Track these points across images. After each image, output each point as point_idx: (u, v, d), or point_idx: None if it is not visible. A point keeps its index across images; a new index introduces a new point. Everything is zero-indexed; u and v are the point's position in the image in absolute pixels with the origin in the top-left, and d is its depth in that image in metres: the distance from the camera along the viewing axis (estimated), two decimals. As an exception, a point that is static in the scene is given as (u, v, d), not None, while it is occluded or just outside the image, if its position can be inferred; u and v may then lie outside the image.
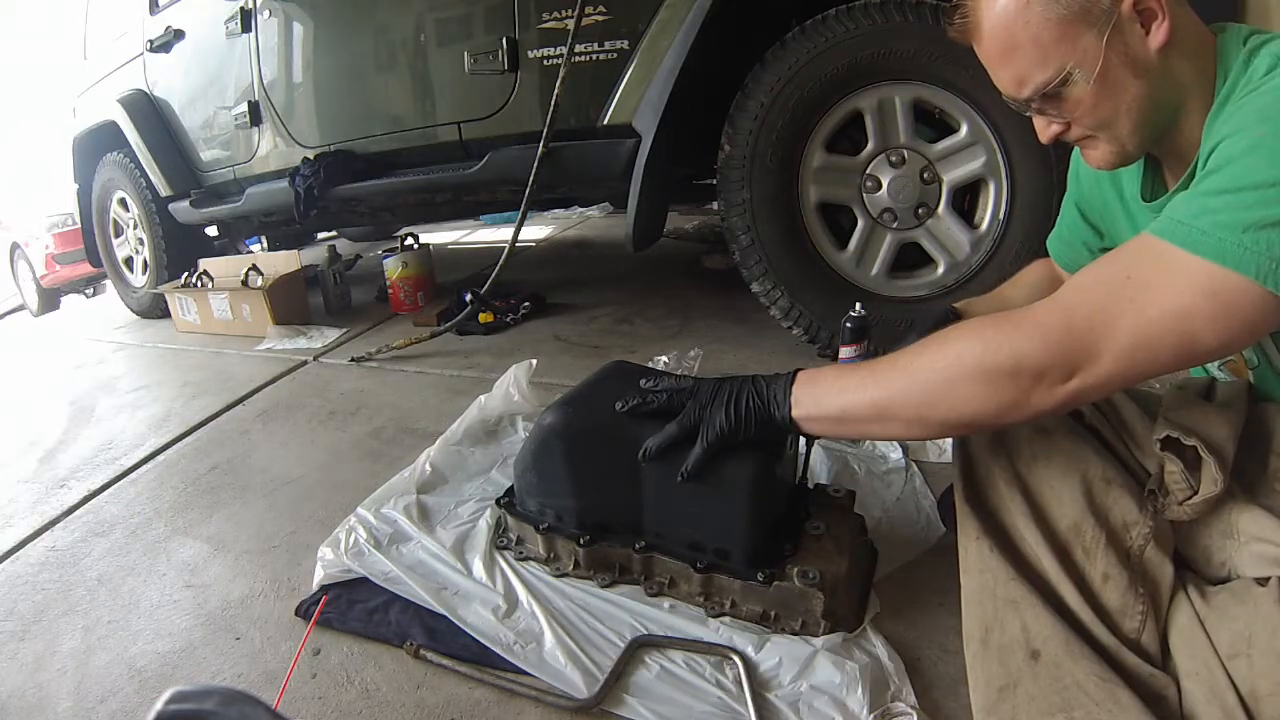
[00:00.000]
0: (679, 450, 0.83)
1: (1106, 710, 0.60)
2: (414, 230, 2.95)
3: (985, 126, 1.51)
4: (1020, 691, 0.65)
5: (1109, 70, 0.64)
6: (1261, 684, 0.57)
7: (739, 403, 0.77)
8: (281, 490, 1.40)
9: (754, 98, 1.59)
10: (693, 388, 0.83)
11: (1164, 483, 0.67)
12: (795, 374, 0.76)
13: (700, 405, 0.81)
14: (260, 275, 2.55)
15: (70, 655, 1.01)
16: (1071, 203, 0.95)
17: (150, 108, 2.90)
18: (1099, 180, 0.87)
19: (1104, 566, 0.67)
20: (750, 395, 0.77)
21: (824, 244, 1.67)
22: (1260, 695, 0.57)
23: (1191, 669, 0.62)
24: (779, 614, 0.88)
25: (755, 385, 0.78)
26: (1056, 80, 0.66)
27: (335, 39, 2.22)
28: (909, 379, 0.67)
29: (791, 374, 0.77)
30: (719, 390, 0.80)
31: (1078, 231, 0.94)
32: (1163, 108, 0.67)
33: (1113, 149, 0.70)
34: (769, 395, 0.76)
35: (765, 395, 0.76)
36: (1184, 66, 0.66)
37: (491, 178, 1.97)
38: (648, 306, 2.37)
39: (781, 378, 0.77)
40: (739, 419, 0.78)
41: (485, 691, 0.85)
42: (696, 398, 0.82)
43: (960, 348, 0.65)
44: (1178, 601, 0.66)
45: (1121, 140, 0.69)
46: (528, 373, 1.55)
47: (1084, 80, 0.65)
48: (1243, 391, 0.74)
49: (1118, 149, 0.70)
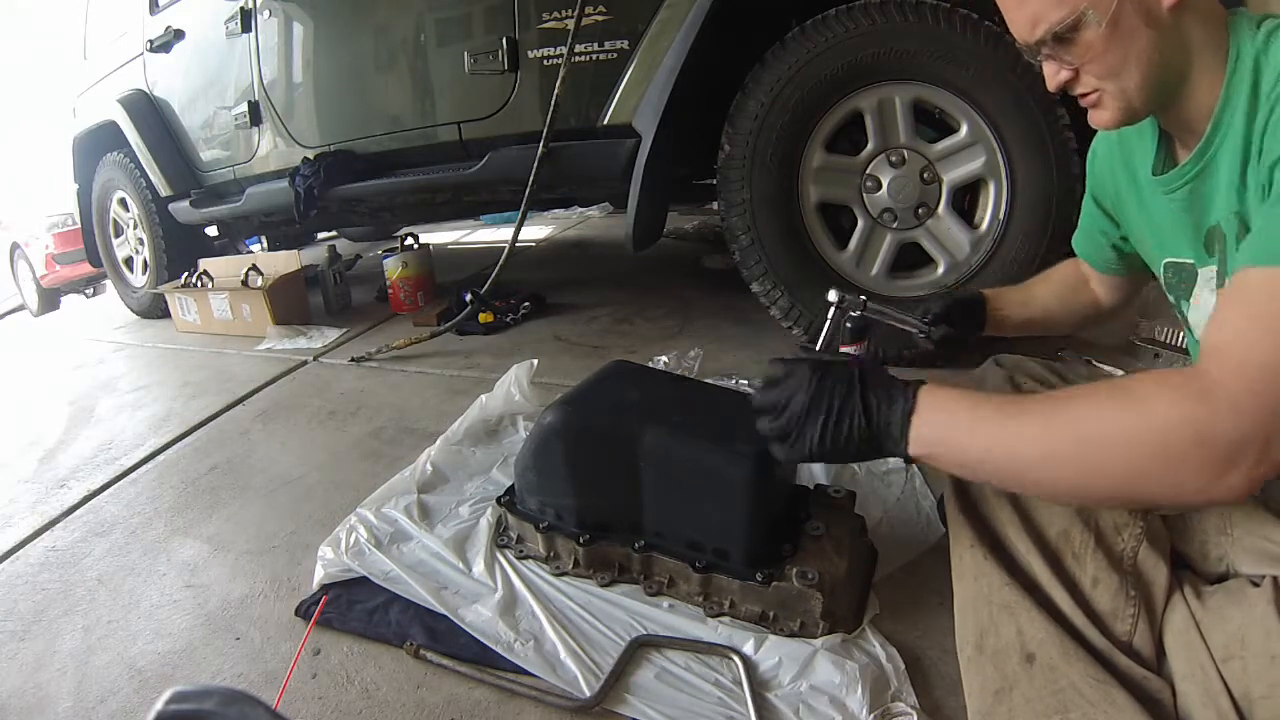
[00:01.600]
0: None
1: (1102, 711, 0.60)
2: (414, 230, 2.95)
3: (985, 126, 1.51)
4: (1016, 695, 0.65)
5: (1122, 17, 0.63)
6: (1255, 686, 0.57)
7: (840, 426, 0.64)
8: (281, 490, 1.40)
9: (754, 98, 1.59)
10: (795, 381, 0.68)
11: None
12: (917, 394, 0.63)
13: (794, 414, 0.67)
14: (260, 275, 2.55)
15: (70, 655, 1.01)
16: (1089, 194, 0.95)
17: (150, 108, 2.90)
18: (1112, 167, 0.86)
19: (1094, 570, 0.68)
20: (857, 419, 0.64)
21: (824, 244, 1.67)
22: (1254, 698, 0.57)
23: (1187, 671, 0.62)
24: (778, 614, 0.88)
25: (865, 403, 0.64)
26: (1070, 20, 0.65)
27: (335, 39, 2.22)
28: (1072, 435, 0.56)
29: (912, 394, 0.63)
30: (819, 397, 0.65)
31: (1095, 221, 0.95)
32: (1171, 69, 0.66)
33: (1119, 104, 0.69)
34: (881, 423, 0.64)
35: (876, 422, 0.64)
36: (1195, 31, 0.65)
37: (491, 178, 1.97)
38: (648, 306, 2.37)
39: (898, 397, 0.63)
40: (836, 446, 0.65)
41: (485, 691, 0.85)
42: (795, 398, 0.67)
43: (1149, 409, 0.54)
44: (1174, 603, 0.66)
45: (1128, 95, 0.67)
46: (529, 372, 1.55)
47: (1097, 23, 0.64)
48: None
49: (1124, 105, 0.68)
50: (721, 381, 1.61)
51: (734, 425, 0.93)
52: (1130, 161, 0.82)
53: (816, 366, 0.67)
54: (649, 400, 1.00)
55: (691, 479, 0.90)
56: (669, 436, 0.92)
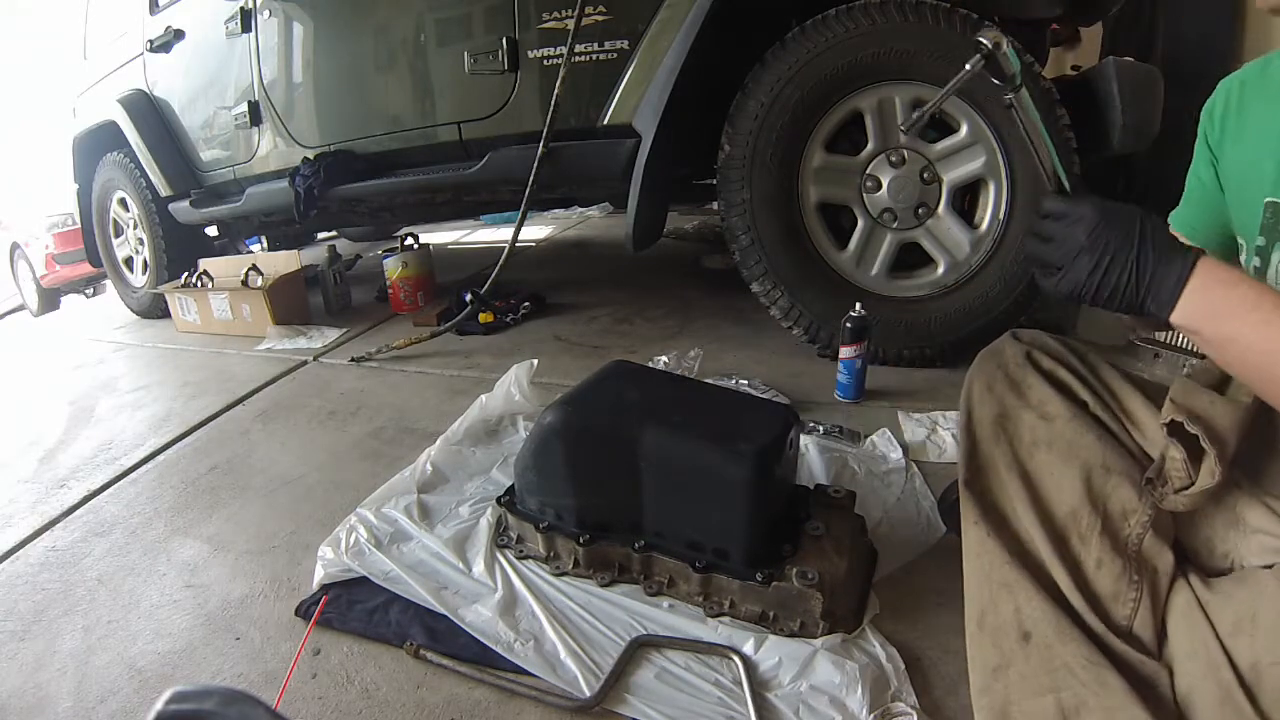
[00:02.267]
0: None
1: (1093, 692, 0.61)
2: (414, 230, 2.95)
3: (985, 126, 1.51)
4: (1012, 672, 0.66)
5: None
6: (1265, 656, 0.57)
7: (1109, 274, 0.63)
8: (281, 490, 1.40)
9: (754, 98, 1.59)
10: (1077, 217, 0.65)
11: (1163, 470, 0.67)
12: (1195, 264, 0.61)
13: (1068, 251, 0.65)
14: (260, 275, 2.55)
15: (70, 655, 1.01)
16: (1202, 153, 0.87)
17: (150, 108, 2.90)
18: (1226, 110, 0.82)
19: (1098, 553, 0.68)
20: (1130, 273, 0.62)
21: (824, 244, 1.67)
22: (1263, 666, 0.57)
23: (1190, 650, 0.62)
24: (778, 614, 0.88)
25: (1142, 260, 0.62)
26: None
27: (335, 39, 2.22)
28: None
29: (1190, 262, 0.61)
30: (1098, 240, 0.63)
31: (1207, 182, 0.87)
32: None
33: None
34: (1153, 283, 0.62)
35: (1149, 280, 0.62)
36: None
37: (491, 178, 1.97)
38: (648, 306, 2.37)
39: (1176, 260, 0.61)
40: (1101, 293, 0.64)
41: (485, 691, 0.85)
42: (1074, 233, 0.65)
43: None
44: (1177, 588, 0.67)
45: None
46: (529, 372, 1.56)
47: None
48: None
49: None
50: (721, 381, 1.62)
51: (734, 425, 0.93)
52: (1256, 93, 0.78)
53: (1102, 208, 0.64)
54: (649, 400, 1.00)
55: (691, 479, 0.90)
56: (669, 436, 0.92)
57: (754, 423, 0.94)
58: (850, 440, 1.33)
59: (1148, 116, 1.45)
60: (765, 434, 0.91)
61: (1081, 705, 0.61)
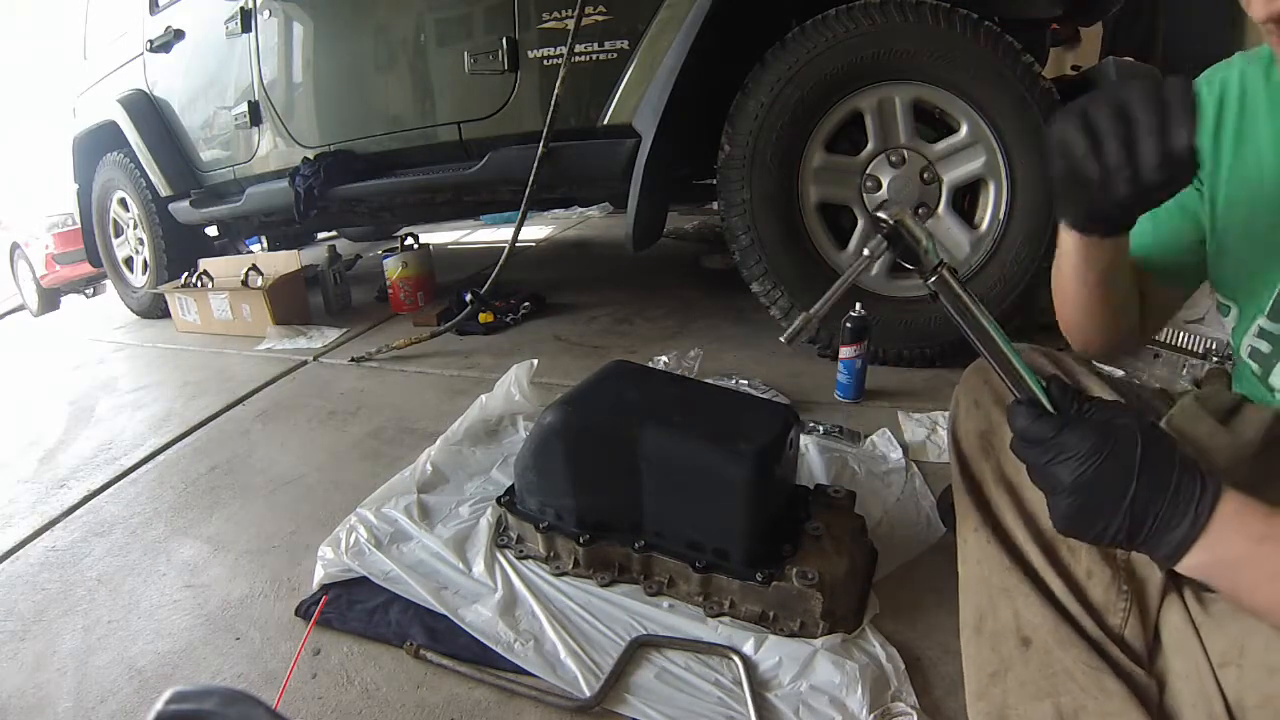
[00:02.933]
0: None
1: (1092, 696, 0.61)
2: (414, 230, 2.95)
3: (985, 126, 1.51)
4: (1010, 677, 0.66)
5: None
6: (1249, 695, 0.57)
7: (1095, 523, 0.51)
8: (281, 490, 1.40)
9: (754, 98, 1.59)
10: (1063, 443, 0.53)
11: None
12: (1213, 507, 0.49)
13: (1051, 485, 0.53)
14: (260, 275, 2.55)
15: (70, 655, 1.01)
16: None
17: (150, 108, 2.90)
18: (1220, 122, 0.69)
19: (1087, 563, 0.68)
20: (1123, 518, 0.50)
21: (824, 244, 1.67)
22: (1247, 706, 0.57)
23: (1183, 671, 0.62)
24: (778, 614, 0.88)
25: (1137, 501, 0.50)
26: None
27: (335, 39, 2.22)
28: None
29: (1206, 509, 0.49)
30: (1083, 476, 0.51)
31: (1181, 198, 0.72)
32: None
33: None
34: (1151, 535, 0.50)
35: (1143, 531, 0.50)
36: None
37: (491, 178, 1.97)
38: (648, 306, 2.37)
39: (1185, 505, 0.49)
40: (1083, 532, 0.52)
41: (485, 691, 0.85)
42: (1056, 469, 0.53)
43: None
44: (1171, 602, 0.66)
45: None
46: (529, 372, 1.56)
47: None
48: (1269, 419, 0.68)
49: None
50: (721, 381, 1.62)
51: (734, 425, 0.93)
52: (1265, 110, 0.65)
53: (1089, 438, 0.51)
54: (649, 400, 1.00)
55: (691, 479, 0.90)
56: (669, 436, 0.92)
57: (754, 423, 0.94)
58: (850, 440, 1.33)
59: (1148, 116, 1.44)
60: (765, 434, 0.91)
61: (1081, 710, 0.61)
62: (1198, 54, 2.46)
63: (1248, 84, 0.67)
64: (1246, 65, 0.68)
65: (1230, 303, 0.72)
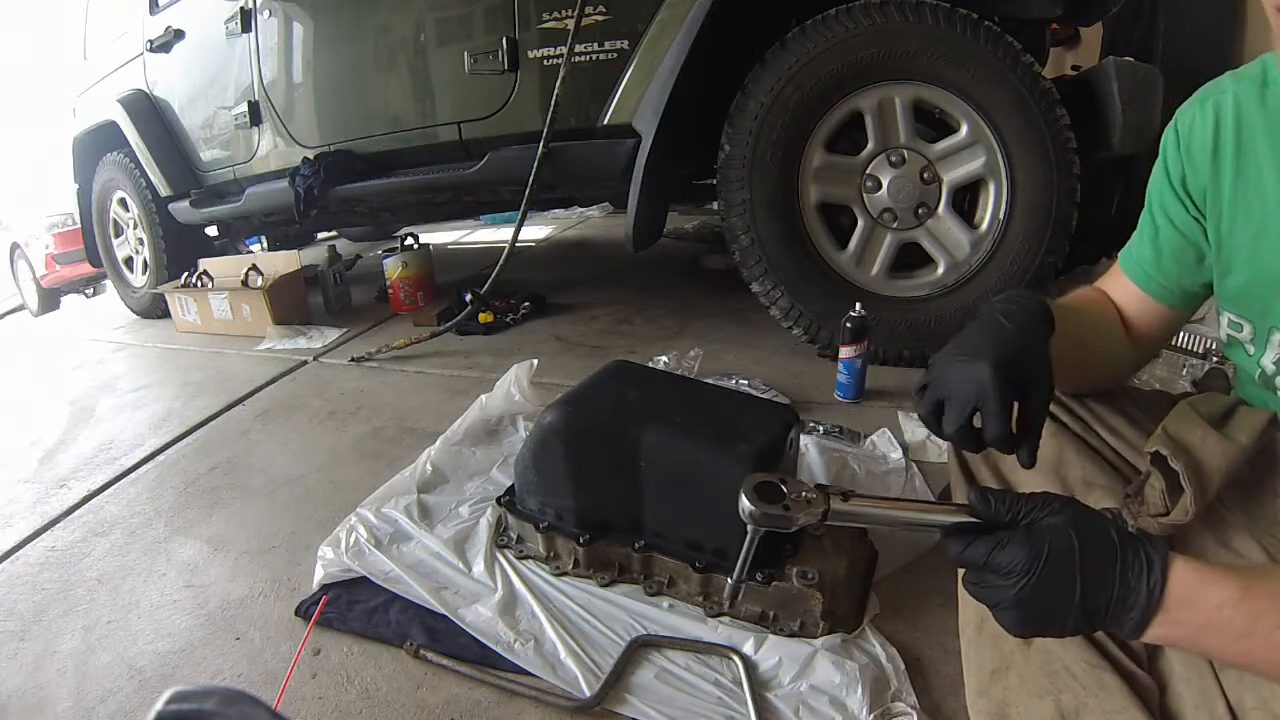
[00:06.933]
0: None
1: (1093, 694, 0.61)
2: (414, 230, 2.95)
3: (985, 126, 1.51)
4: (1012, 674, 0.66)
5: None
6: (1248, 698, 0.57)
7: (1049, 627, 0.52)
8: (281, 490, 1.40)
9: (754, 98, 1.59)
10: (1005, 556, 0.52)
11: (1142, 491, 0.67)
12: (1167, 567, 0.49)
13: (997, 599, 0.53)
14: (260, 275, 2.55)
15: (70, 655, 1.01)
16: (1169, 186, 0.74)
17: (150, 108, 2.90)
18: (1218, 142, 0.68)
19: None
20: (1074, 619, 0.51)
21: (824, 244, 1.67)
22: (1246, 708, 0.57)
23: (1184, 674, 0.62)
24: (778, 614, 0.88)
25: (1086, 606, 0.50)
26: None
27: (335, 39, 2.22)
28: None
29: (1156, 594, 0.49)
30: (1023, 594, 0.51)
31: (1176, 220, 0.74)
32: None
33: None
34: (1107, 622, 0.51)
35: (1099, 622, 0.51)
36: None
37: (491, 178, 1.97)
38: (648, 306, 2.37)
39: (1132, 598, 0.50)
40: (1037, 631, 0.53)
41: (485, 691, 0.85)
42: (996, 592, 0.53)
43: None
44: None
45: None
46: (529, 372, 1.56)
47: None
48: (1262, 423, 0.68)
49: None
50: (721, 381, 1.61)
51: (734, 425, 0.93)
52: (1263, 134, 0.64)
53: (1020, 560, 0.51)
54: (649, 400, 1.00)
55: (691, 479, 0.90)
56: (669, 436, 0.92)
57: (754, 423, 0.94)
58: (850, 440, 1.33)
59: (1148, 116, 1.45)
60: (765, 434, 0.91)
61: (1081, 708, 0.61)
62: (1198, 54, 2.46)
63: (1242, 106, 0.67)
64: (1238, 87, 0.67)
65: (1242, 320, 0.71)
